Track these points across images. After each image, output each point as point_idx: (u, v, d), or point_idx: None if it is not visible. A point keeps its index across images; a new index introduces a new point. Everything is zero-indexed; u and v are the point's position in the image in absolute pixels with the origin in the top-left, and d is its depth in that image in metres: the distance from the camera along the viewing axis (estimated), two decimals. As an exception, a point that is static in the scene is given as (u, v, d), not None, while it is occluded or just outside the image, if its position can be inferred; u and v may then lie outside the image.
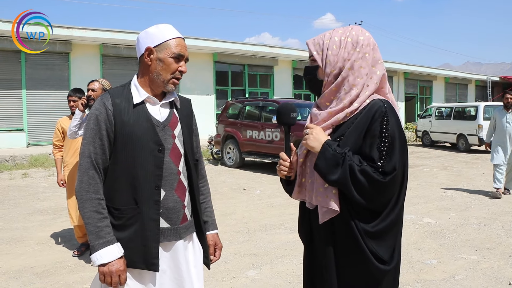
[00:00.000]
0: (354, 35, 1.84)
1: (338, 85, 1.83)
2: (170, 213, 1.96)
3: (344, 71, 1.81)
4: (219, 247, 2.27)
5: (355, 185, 1.72)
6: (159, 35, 1.92)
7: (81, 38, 15.56)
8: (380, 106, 1.77)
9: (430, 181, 10.09)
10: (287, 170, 1.97)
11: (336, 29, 1.90)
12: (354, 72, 1.81)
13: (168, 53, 1.91)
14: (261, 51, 20.79)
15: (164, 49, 1.91)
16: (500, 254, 4.94)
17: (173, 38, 1.93)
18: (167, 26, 1.97)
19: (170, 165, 1.96)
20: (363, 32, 1.87)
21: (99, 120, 1.88)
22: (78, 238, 5.16)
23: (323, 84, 1.89)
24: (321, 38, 1.89)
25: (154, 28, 1.95)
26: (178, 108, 2.07)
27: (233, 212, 7.13)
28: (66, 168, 5.09)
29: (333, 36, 1.86)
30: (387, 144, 1.73)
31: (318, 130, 1.83)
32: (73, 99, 4.99)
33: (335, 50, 1.83)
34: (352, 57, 1.81)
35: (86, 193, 1.85)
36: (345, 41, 1.83)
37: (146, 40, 1.93)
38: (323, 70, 1.86)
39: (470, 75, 33.73)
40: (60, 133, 5.19)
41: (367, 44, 1.84)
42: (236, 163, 12.63)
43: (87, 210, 1.84)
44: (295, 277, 4.28)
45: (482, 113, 16.18)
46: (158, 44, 1.91)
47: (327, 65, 1.84)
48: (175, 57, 1.92)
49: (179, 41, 1.95)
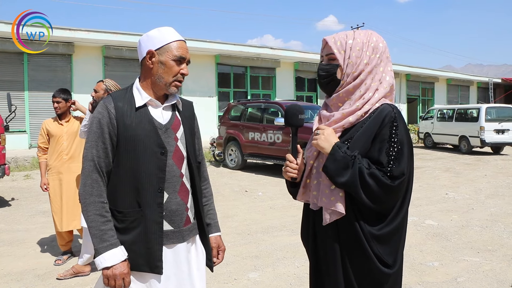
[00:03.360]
0: (376, 41, 1.86)
1: (356, 86, 1.83)
2: (173, 216, 1.96)
3: (363, 74, 1.82)
4: (222, 250, 2.27)
5: (363, 188, 1.72)
6: (161, 38, 1.93)
7: (83, 39, 15.60)
8: (389, 111, 1.77)
9: (432, 183, 10.08)
10: (293, 172, 1.96)
11: (357, 31, 1.90)
12: (372, 76, 1.83)
13: (169, 56, 1.91)
14: (263, 53, 20.79)
15: (166, 52, 1.91)
16: (502, 256, 4.92)
17: (174, 41, 1.93)
18: (168, 29, 1.97)
19: (172, 167, 1.96)
20: (381, 38, 1.89)
21: (102, 124, 1.89)
22: (61, 246, 4.96)
23: (340, 85, 1.87)
24: (343, 38, 1.87)
25: (155, 31, 1.95)
26: (180, 110, 2.07)
27: (235, 214, 7.13)
28: (50, 171, 4.85)
29: (356, 37, 1.86)
30: (396, 149, 1.74)
31: (330, 131, 1.82)
32: (57, 100, 4.79)
33: (358, 52, 1.83)
34: (373, 62, 1.83)
35: (90, 196, 1.85)
36: (367, 45, 1.84)
37: (148, 43, 1.94)
38: (343, 70, 1.85)
39: (472, 77, 33.70)
40: (45, 135, 4.89)
41: (383, 51, 1.86)
42: (238, 165, 12.63)
43: (90, 213, 1.84)
44: (297, 279, 4.28)
45: (484, 115, 16.18)
46: (160, 47, 1.92)
47: (348, 66, 1.83)
48: (176, 60, 1.92)
49: (180, 44, 1.95)
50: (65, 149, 4.79)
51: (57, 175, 4.78)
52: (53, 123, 4.90)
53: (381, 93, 1.83)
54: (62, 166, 4.76)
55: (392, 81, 1.88)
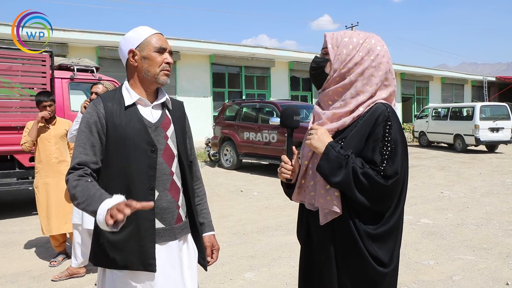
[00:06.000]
0: (373, 43, 1.85)
1: (345, 87, 1.83)
2: (164, 213, 1.96)
3: (353, 75, 1.81)
4: (216, 249, 2.27)
5: (357, 188, 1.72)
6: (137, 36, 1.97)
7: (77, 40, 15.56)
8: (383, 110, 1.77)
9: (427, 182, 10.11)
10: (287, 173, 1.96)
11: (357, 32, 1.91)
12: (364, 79, 1.81)
13: (150, 49, 1.94)
14: (258, 53, 20.81)
15: (146, 46, 1.94)
16: (498, 254, 4.94)
17: (151, 35, 1.97)
18: (143, 27, 2.02)
19: (162, 165, 1.96)
20: (381, 42, 1.88)
21: (90, 123, 1.90)
22: (55, 247, 4.96)
23: (327, 79, 1.88)
24: (340, 35, 1.89)
25: (131, 32, 2.00)
26: (170, 109, 2.08)
27: (231, 214, 7.12)
28: (38, 174, 4.78)
29: (353, 36, 1.86)
30: (389, 148, 1.73)
31: (323, 131, 1.82)
32: (49, 104, 4.70)
33: (350, 50, 1.83)
34: (365, 63, 1.81)
35: (72, 181, 1.80)
36: (362, 45, 1.83)
37: (127, 44, 1.97)
38: (331, 65, 1.86)
39: (467, 76, 33.85)
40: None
41: (383, 56, 1.84)
42: (233, 165, 12.62)
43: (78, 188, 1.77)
44: (293, 279, 4.28)
45: (479, 113, 16.25)
46: (139, 44, 1.95)
47: (337, 62, 1.84)
48: (157, 51, 1.95)
49: (157, 36, 1.98)
50: (53, 152, 4.76)
51: (46, 178, 4.73)
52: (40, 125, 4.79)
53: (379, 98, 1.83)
54: (51, 169, 4.72)
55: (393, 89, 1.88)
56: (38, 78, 6.91)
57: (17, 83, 6.74)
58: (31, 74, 6.96)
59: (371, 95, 1.82)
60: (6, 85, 6.34)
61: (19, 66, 6.89)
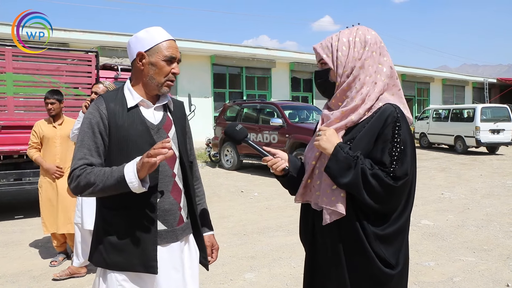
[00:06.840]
0: (361, 34, 1.84)
1: (350, 84, 1.82)
2: (167, 215, 1.96)
3: (355, 70, 1.81)
4: (216, 248, 2.28)
5: (366, 189, 1.71)
6: (149, 39, 1.91)
7: (78, 40, 15.55)
8: (392, 111, 1.76)
9: (428, 183, 10.10)
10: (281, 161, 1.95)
11: (342, 31, 1.89)
12: (365, 70, 1.80)
13: (159, 57, 1.90)
14: (259, 54, 20.80)
15: (156, 52, 1.90)
16: (498, 255, 4.94)
17: (164, 41, 1.92)
18: (156, 29, 1.96)
19: (165, 167, 1.95)
20: (369, 31, 1.87)
21: (92, 124, 1.88)
22: (56, 247, 4.94)
23: (336, 86, 1.87)
24: (328, 41, 1.88)
25: (144, 32, 1.94)
26: (171, 111, 2.07)
27: (231, 214, 7.12)
28: (43, 174, 4.80)
29: (341, 37, 1.85)
30: (399, 149, 1.72)
31: (332, 132, 1.81)
32: (51, 102, 4.74)
33: (344, 50, 1.82)
34: (363, 56, 1.81)
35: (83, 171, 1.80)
36: (353, 41, 1.83)
37: (137, 45, 1.92)
38: (335, 72, 1.85)
39: (467, 77, 33.84)
40: (37, 136, 4.81)
41: (374, 43, 1.83)
42: (234, 165, 12.62)
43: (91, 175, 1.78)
44: (293, 279, 4.27)
45: (480, 115, 16.25)
46: (149, 48, 1.90)
47: (338, 66, 1.83)
48: (167, 60, 1.91)
49: (169, 43, 1.93)
50: (58, 153, 4.77)
51: (51, 179, 4.74)
52: (47, 125, 4.85)
53: (380, 86, 1.81)
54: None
55: (389, 71, 1.85)
56: (84, 78, 7.04)
57: (65, 83, 6.85)
58: (78, 74, 7.09)
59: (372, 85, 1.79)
60: (55, 85, 6.40)
61: (66, 66, 7.03)
